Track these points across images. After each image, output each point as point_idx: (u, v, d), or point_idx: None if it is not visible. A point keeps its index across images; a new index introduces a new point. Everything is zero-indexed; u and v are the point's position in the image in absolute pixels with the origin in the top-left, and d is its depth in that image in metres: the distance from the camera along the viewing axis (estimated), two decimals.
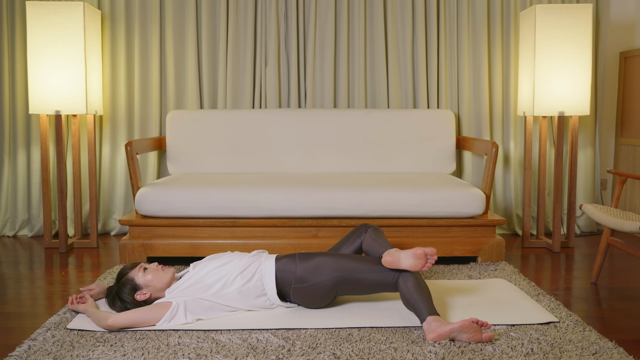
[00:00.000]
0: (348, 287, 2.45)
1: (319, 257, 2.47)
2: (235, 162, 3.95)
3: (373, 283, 2.42)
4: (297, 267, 2.44)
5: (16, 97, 4.15)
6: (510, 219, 4.29)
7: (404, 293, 2.34)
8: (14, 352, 2.10)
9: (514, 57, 4.19)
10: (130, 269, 2.48)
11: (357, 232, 2.72)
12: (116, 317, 2.29)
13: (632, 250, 2.78)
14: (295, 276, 2.44)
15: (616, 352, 2.09)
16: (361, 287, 2.45)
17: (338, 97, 4.21)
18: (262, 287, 2.46)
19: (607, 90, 4.43)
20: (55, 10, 3.67)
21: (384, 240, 2.58)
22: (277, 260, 2.50)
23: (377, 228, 2.70)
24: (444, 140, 3.99)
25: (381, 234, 2.66)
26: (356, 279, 2.42)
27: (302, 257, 2.48)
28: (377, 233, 2.65)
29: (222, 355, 2.08)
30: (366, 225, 2.72)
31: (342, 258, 2.47)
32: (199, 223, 3.29)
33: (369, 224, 2.73)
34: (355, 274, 2.42)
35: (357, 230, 2.72)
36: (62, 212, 3.79)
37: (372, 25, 4.17)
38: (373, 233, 2.65)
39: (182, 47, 4.17)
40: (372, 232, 2.66)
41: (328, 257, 2.47)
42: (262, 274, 2.46)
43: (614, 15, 4.37)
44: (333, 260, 2.45)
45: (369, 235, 2.64)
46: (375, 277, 2.41)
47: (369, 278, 2.41)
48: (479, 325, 2.18)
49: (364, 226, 2.72)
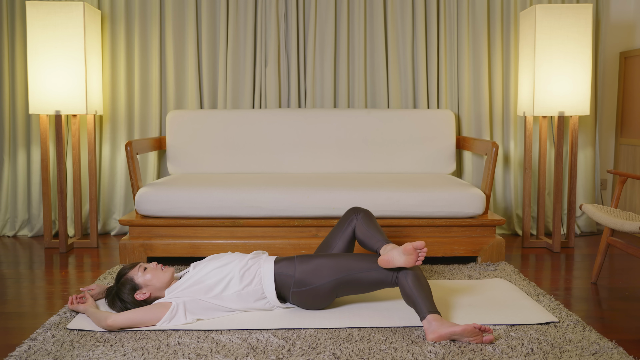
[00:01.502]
0: (348, 288, 2.44)
1: (318, 259, 2.45)
2: (235, 162, 3.95)
3: (373, 281, 2.41)
4: (296, 271, 2.43)
5: (16, 97, 4.15)
6: (510, 219, 4.29)
7: (404, 289, 2.33)
8: (14, 352, 2.10)
9: (514, 57, 4.19)
10: (130, 268, 2.48)
11: (347, 219, 2.66)
12: (116, 317, 2.29)
13: (632, 250, 2.78)
14: (294, 280, 2.43)
15: (616, 352, 2.09)
16: (361, 287, 2.44)
17: (338, 97, 4.21)
18: (262, 290, 2.46)
19: (607, 90, 4.43)
20: (55, 10, 3.67)
21: (376, 230, 2.54)
22: (276, 263, 2.49)
23: (367, 213, 2.65)
24: (444, 140, 3.99)
25: (373, 219, 2.62)
26: (356, 279, 2.41)
27: (301, 260, 2.47)
28: (368, 220, 2.60)
29: (222, 355, 2.08)
30: (356, 210, 2.67)
31: (340, 259, 2.45)
32: (199, 223, 3.29)
33: (359, 208, 2.67)
34: (354, 274, 2.41)
35: (347, 217, 2.67)
36: (62, 212, 3.79)
37: (372, 25, 4.17)
38: (364, 220, 2.60)
39: (182, 47, 4.17)
40: (363, 219, 2.61)
41: (326, 259, 2.45)
42: (261, 277, 2.45)
43: (614, 15, 4.37)
44: (332, 261, 2.44)
45: (361, 223, 2.60)
46: (375, 275, 2.40)
47: (369, 277, 2.41)
48: (480, 330, 2.18)
49: (354, 212, 2.66)
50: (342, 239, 2.66)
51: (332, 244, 2.67)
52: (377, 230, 2.55)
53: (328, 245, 2.68)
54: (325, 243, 2.70)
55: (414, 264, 2.31)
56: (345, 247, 2.66)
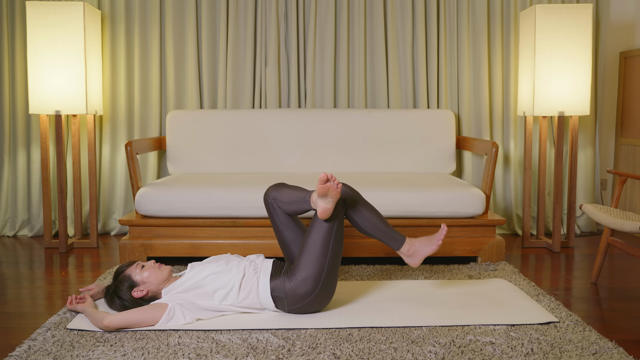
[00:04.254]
0: (334, 264, 2.44)
1: (299, 272, 2.41)
2: (235, 162, 3.95)
3: (340, 235, 2.45)
4: (286, 292, 2.40)
5: (16, 97, 4.15)
6: (510, 219, 4.29)
7: (362, 228, 2.54)
8: (14, 352, 2.10)
9: (514, 57, 4.19)
10: (127, 266, 2.48)
11: (270, 210, 2.61)
12: (112, 317, 2.29)
13: (632, 250, 2.78)
14: (287, 300, 2.42)
15: (616, 352, 2.09)
16: (340, 250, 2.46)
17: (338, 97, 4.21)
18: (260, 304, 2.45)
19: (607, 90, 4.43)
20: (55, 10, 3.67)
21: (291, 196, 2.52)
22: (271, 279, 2.44)
23: (275, 189, 2.57)
24: (444, 140, 3.99)
25: (282, 189, 2.56)
26: (334, 256, 2.42)
27: (287, 277, 2.43)
28: (280, 194, 2.55)
29: (222, 355, 2.08)
30: (266, 195, 2.60)
31: (307, 253, 2.41)
32: (199, 223, 3.29)
33: (267, 192, 2.59)
34: (329, 256, 2.41)
35: (267, 207, 2.61)
36: (62, 212, 3.79)
37: (372, 25, 4.17)
38: (279, 197, 2.55)
39: (182, 47, 4.17)
40: (278, 199, 2.55)
41: (302, 266, 2.41)
42: (258, 291, 2.43)
43: (614, 15, 4.37)
44: (306, 264, 2.40)
45: (279, 202, 2.55)
46: (335, 233, 2.43)
47: (338, 239, 2.44)
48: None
49: (266, 197, 2.60)
50: (287, 229, 2.61)
51: (284, 240, 2.62)
52: (294, 194, 2.52)
53: (283, 242, 2.63)
54: (281, 242, 2.65)
55: (335, 191, 2.32)
56: (296, 233, 2.61)
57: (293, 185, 2.59)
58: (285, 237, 2.62)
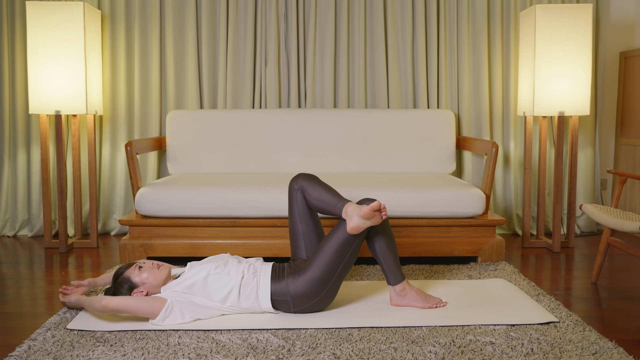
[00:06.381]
0: (343, 273, 2.47)
1: (308, 272, 2.42)
2: (235, 162, 3.95)
3: (355, 251, 2.48)
4: (291, 293, 2.41)
5: (16, 97, 4.15)
6: (510, 219, 4.29)
7: (376, 252, 2.56)
8: (14, 352, 2.10)
9: (514, 57, 4.19)
10: (126, 268, 2.49)
11: (292, 198, 2.61)
12: (110, 299, 2.30)
13: (632, 250, 2.78)
14: (292, 303, 2.43)
15: (616, 352, 2.09)
16: (351, 263, 2.49)
17: (338, 97, 4.21)
18: (259, 307, 2.45)
19: (607, 90, 4.43)
20: (55, 10, 3.67)
21: (325, 194, 2.52)
22: (272, 283, 2.44)
23: (308, 180, 2.58)
24: (444, 140, 3.99)
25: (316, 184, 2.57)
26: (345, 266, 2.45)
27: (292, 278, 2.43)
28: (312, 187, 2.55)
29: (222, 355, 2.08)
30: (295, 182, 2.60)
31: (321, 263, 2.42)
32: (199, 223, 3.29)
33: (297, 179, 2.60)
34: (340, 265, 2.44)
35: (291, 194, 2.61)
36: (62, 212, 3.79)
37: (372, 25, 4.17)
38: (310, 191, 2.55)
39: (182, 47, 4.17)
40: (308, 190, 2.56)
41: (313, 267, 2.42)
42: (258, 295, 2.43)
43: (614, 15, 4.37)
44: (318, 267, 2.41)
45: (309, 195, 2.55)
46: (353, 246, 2.45)
47: (353, 254, 2.47)
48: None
49: (294, 185, 2.60)
50: (303, 221, 2.60)
51: (296, 231, 2.62)
52: (327, 195, 2.53)
53: (295, 234, 2.62)
54: (292, 233, 2.64)
55: (380, 222, 2.42)
56: (310, 227, 2.61)
57: (326, 185, 2.59)
58: (298, 229, 2.62)
